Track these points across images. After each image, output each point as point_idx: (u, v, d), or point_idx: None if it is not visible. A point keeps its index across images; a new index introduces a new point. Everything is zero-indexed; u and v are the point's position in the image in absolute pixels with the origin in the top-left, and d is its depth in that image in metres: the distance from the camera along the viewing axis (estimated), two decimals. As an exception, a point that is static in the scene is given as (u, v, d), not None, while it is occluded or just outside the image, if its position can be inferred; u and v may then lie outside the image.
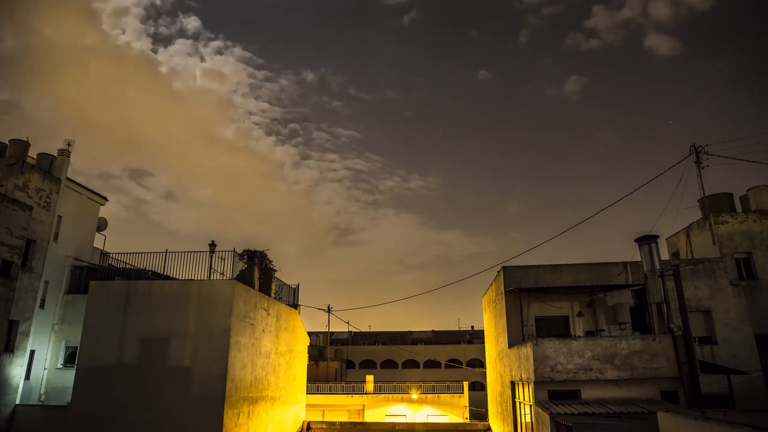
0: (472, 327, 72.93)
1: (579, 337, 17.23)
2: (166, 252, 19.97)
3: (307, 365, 29.05)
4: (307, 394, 28.76)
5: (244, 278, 20.33)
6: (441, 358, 62.06)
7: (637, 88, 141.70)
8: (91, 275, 22.23)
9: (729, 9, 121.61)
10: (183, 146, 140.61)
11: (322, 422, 29.46)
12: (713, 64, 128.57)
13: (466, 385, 40.19)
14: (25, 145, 21.66)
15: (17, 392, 19.90)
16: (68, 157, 23.35)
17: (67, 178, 23.44)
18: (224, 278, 19.64)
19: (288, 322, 24.76)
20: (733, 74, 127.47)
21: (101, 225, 26.64)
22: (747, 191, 23.58)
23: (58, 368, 21.99)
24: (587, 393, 15.79)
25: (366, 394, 39.47)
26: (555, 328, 19.98)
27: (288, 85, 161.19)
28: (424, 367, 62.43)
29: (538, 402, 15.88)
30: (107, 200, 26.50)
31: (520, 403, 19.23)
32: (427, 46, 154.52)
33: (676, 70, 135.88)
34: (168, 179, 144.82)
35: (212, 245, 20.24)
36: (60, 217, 23.13)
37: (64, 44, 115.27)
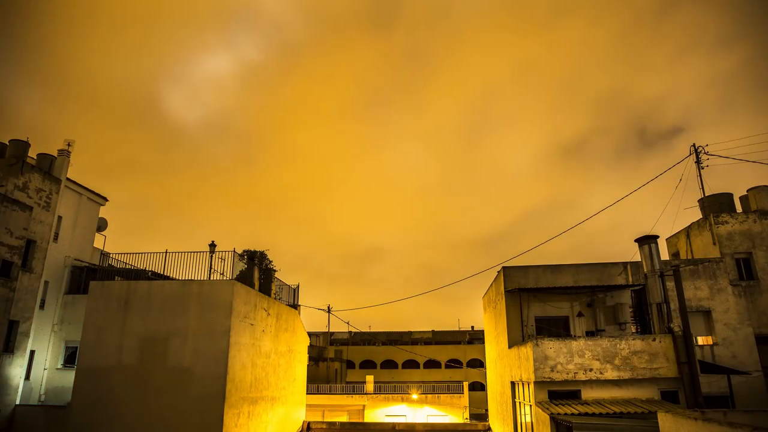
0: (472, 327, 73.01)
1: (579, 337, 17.23)
2: (166, 252, 19.99)
3: (307, 365, 29.04)
4: (307, 394, 28.75)
5: (244, 278, 20.33)
6: (441, 359, 62.06)
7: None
8: (91, 275, 22.24)
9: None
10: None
11: (322, 422, 29.45)
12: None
13: (466, 385, 40.22)
14: (25, 145, 21.66)
15: (17, 392, 19.89)
16: (68, 157, 23.35)
17: (67, 179, 23.44)
18: (224, 278, 19.64)
19: (288, 323, 24.76)
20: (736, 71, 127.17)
21: (101, 225, 26.65)
22: (747, 191, 23.58)
23: (58, 368, 21.98)
24: (587, 393, 15.79)
25: (366, 394, 39.48)
26: (555, 329, 19.98)
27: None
28: (424, 367, 62.45)
29: (538, 402, 15.88)
30: (107, 200, 26.52)
31: (520, 403, 19.23)
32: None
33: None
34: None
35: (212, 245, 20.26)
36: (60, 217, 23.13)
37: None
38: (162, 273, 20.21)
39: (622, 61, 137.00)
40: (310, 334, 30.25)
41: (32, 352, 21.36)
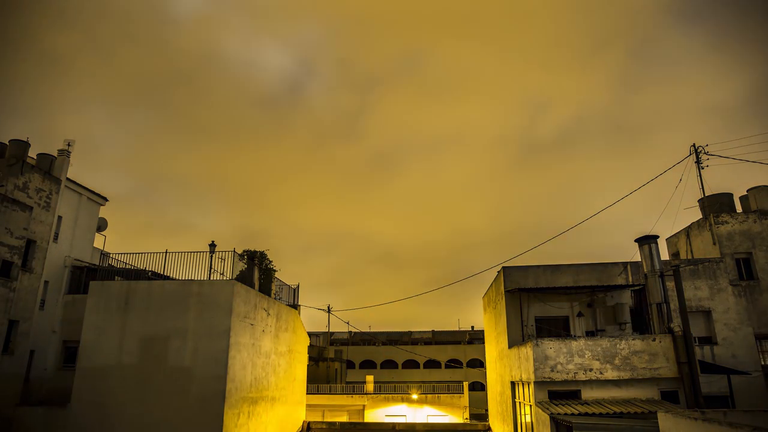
0: (472, 327, 73.03)
1: (579, 337, 17.24)
2: (166, 252, 19.99)
3: (307, 365, 29.05)
4: (307, 394, 28.75)
5: (244, 278, 20.34)
6: (441, 359, 62.09)
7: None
8: (91, 275, 22.23)
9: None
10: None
11: (322, 422, 29.46)
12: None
13: (466, 385, 40.20)
14: (25, 145, 21.67)
15: (17, 392, 19.89)
16: (68, 157, 23.36)
17: (67, 179, 23.45)
18: (224, 278, 19.64)
19: (288, 323, 24.76)
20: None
21: (101, 225, 26.66)
22: (747, 191, 23.58)
23: (58, 368, 21.98)
24: (587, 393, 15.80)
25: (366, 394, 39.48)
26: (555, 329, 19.99)
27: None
28: (424, 367, 62.48)
29: (538, 402, 15.88)
30: (107, 200, 26.53)
31: (520, 403, 19.24)
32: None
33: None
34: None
35: (212, 245, 20.27)
36: (60, 217, 23.14)
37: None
38: (162, 273, 20.21)
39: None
40: (310, 334, 30.25)
41: (32, 352, 21.35)
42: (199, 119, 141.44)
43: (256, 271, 21.76)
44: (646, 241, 17.89)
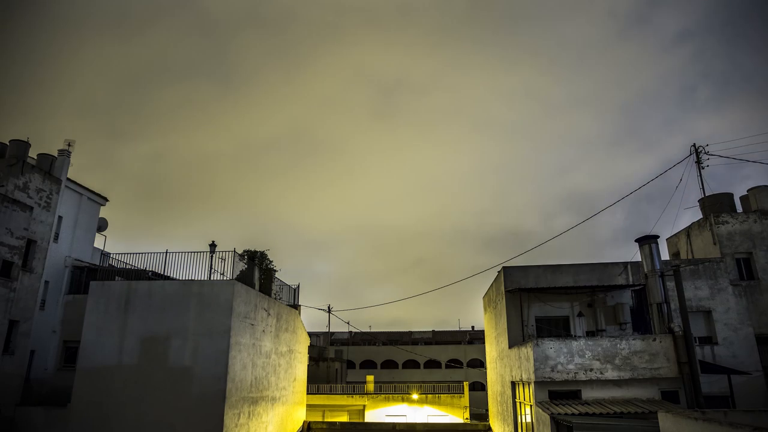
0: (473, 327, 73.08)
1: (579, 337, 17.23)
2: (166, 252, 20.00)
3: (308, 365, 29.04)
4: (307, 394, 28.73)
5: (244, 278, 20.33)
6: (441, 359, 62.08)
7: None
8: (92, 275, 22.24)
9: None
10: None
11: (323, 422, 29.45)
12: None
13: (466, 385, 40.16)
14: (25, 145, 21.66)
15: (17, 392, 19.89)
16: (68, 157, 23.35)
17: (68, 179, 23.44)
18: (224, 278, 19.64)
19: (288, 323, 24.75)
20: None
21: (102, 225, 26.66)
22: (747, 191, 23.57)
23: (58, 368, 21.97)
24: (588, 393, 15.79)
25: (366, 394, 39.44)
26: (555, 329, 19.97)
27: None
28: (425, 367, 62.46)
29: (539, 402, 15.87)
30: (107, 200, 26.52)
31: (520, 403, 19.23)
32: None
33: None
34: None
35: (212, 245, 20.27)
36: (60, 217, 23.13)
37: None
38: (162, 273, 20.22)
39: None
40: (310, 334, 30.25)
41: (32, 352, 21.35)
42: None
43: (257, 271, 21.76)
44: (647, 241, 17.88)
